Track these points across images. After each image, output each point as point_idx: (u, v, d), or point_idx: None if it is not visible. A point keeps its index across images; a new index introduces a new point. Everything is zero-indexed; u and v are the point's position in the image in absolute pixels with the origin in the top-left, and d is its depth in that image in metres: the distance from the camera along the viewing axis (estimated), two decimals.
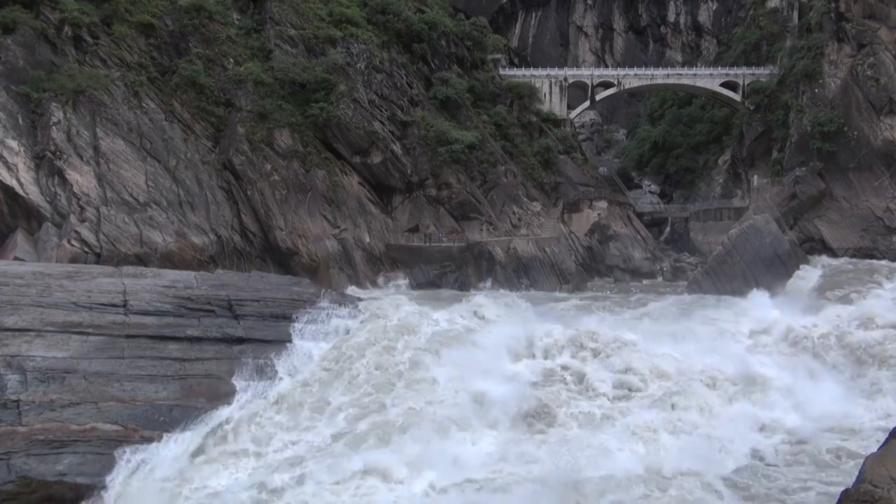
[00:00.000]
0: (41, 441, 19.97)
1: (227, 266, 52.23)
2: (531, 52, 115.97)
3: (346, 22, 66.35)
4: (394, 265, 59.55)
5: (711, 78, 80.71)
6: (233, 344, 24.98)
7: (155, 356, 23.41)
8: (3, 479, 19.11)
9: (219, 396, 23.09)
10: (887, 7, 70.23)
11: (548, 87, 79.19)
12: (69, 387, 21.49)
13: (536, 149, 70.95)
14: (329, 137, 61.89)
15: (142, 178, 54.35)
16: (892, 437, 13.32)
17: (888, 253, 63.52)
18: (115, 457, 20.28)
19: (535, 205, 66.95)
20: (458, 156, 63.79)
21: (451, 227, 62.42)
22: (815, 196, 68.18)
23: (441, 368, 24.77)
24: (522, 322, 29.63)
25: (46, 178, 51.88)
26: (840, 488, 14.00)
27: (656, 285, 60.95)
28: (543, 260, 60.81)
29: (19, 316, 23.04)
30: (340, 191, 60.27)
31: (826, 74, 71.05)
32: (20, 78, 53.34)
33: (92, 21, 57.60)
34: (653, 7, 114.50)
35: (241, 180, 57.79)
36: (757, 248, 49.39)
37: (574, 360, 26.77)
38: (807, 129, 69.51)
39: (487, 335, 27.76)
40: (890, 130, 67.02)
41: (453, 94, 67.79)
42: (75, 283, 25.50)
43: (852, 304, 37.80)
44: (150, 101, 57.28)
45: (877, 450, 13.49)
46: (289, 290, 29.16)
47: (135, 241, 51.36)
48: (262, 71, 61.40)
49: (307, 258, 56.62)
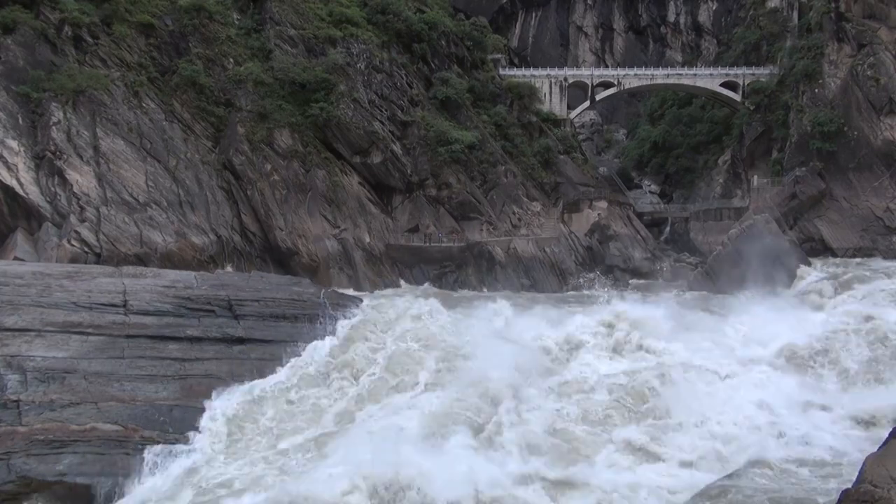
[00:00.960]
0: (41, 441, 19.98)
1: (227, 266, 52.29)
2: (531, 52, 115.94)
3: (346, 22, 66.31)
4: (394, 265, 59.56)
5: (711, 78, 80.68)
6: (233, 344, 25.00)
7: (155, 356, 23.44)
8: (3, 479, 19.12)
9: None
10: (887, 7, 70.20)
11: (548, 87, 79.16)
12: (69, 387, 21.50)
13: (536, 149, 70.92)
14: (329, 137, 61.87)
15: (142, 178, 54.33)
16: (892, 437, 13.32)
17: (888, 253, 63.51)
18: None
19: (535, 205, 66.92)
20: (458, 156, 63.77)
21: (451, 227, 62.39)
22: (815, 196, 68.15)
23: None
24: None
25: (46, 178, 51.86)
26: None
27: (656, 286, 60.88)
28: (543, 260, 60.83)
29: (19, 316, 23.07)
30: (340, 191, 60.24)
31: (826, 74, 71.03)
32: (20, 78, 53.32)
33: (92, 21, 57.57)
34: (653, 7, 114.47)
35: (241, 180, 57.77)
36: (757, 248, 49.43)
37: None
38: (807, 129, 69.50)
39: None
40: (890, 130, 67.01)
41: (453, 94, 67.76)
42: (75, 283, 25.53)
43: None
44: (150, 101, 57.26)
45: (877, 450, 13.49)
46: (289, 290, 29.23)
47: (135, 241, 51.34)
48: (262, 71, 61.37)
49: (307, 258, 56.61)
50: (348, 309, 29.99)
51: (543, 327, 32.54)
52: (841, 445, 22.93)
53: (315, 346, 27.39)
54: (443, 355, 28.09)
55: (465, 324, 32.08)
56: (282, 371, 25.82)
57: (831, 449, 22.85)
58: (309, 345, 27.13)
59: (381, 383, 26.31)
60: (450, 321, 31.40)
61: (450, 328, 30.74)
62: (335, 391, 25.97)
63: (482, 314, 34.24)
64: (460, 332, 30.77)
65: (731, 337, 33.03)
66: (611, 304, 36.70)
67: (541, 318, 34.51)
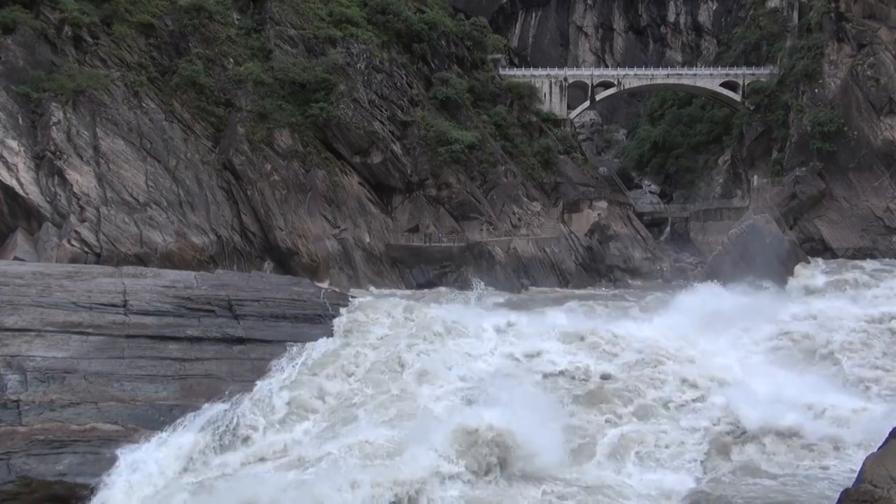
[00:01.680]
0: (41, 441, 19.97)
1: (227, 266, 52.26)
2: (531, 52, 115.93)
3: (346, 22, 66.33)
4: (394, 265, 59.57)
5: (711, 78, 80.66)
6: (233, 344, 25.00)
7: (155, 356, 23.43)
8: (3, 479, 19.11)
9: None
10: (887, 7, 70.19)
11: (548, 87, 79.15)
12: (69, 387, 21.50)
13: (536, 149, 70.92)
14: (329, 137, 61.87)
15: (142, 178, 54.34)
16: (892, 437, 13.32)
17: (888, 253, 63.50)
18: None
19: (535, 205, 66.93)
20: (458, 156, 63.76)
21: (451, 227, 62.38)
22: (815, 196, 68.13)
23: None
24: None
25: (46, 178, 51.87)
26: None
27: (656, 286, 60.87)
28: (543, 260, 60.85)
29: (19, 316, 23.07)
30: (340, 191, 60.24)
31: (826, 74, 71.02)
32: (20, 78, 53.33)
33: (92, 21, 57.58)
34: (653, 7, 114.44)
35: (241, 180, 57.78)
36: (757, 248, 49.44)
37: None
38: (807, 129, 69.48)
39: None
40: (890, 130, 67.00)
41: (453, 94, 67.76)
42: (75, 283, 25.53)
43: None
44: (150, 101, 57.27)
45: (877, 450, 13.48)
46: (289, 290, 29.23)
47: (135, 241, 51.35)
48: (262, 71, 61.38)
49: (307, 258, 56.62)
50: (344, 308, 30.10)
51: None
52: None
53: (314, 345, 27.41)
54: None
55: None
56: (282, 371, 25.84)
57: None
58: (306, 344, 27.13)
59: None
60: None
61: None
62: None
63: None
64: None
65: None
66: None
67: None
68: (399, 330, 29.45)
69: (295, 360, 25.55)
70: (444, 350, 28.00)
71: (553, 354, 28.49)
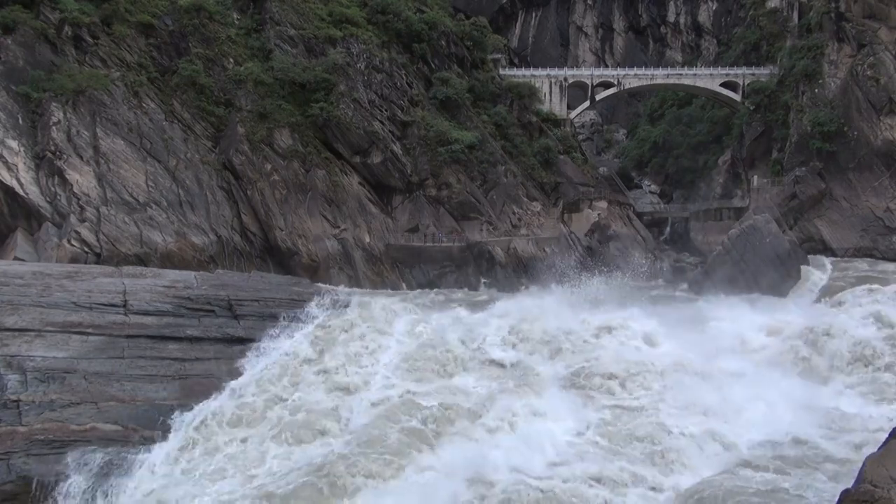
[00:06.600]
0: (41, 441, 19.95)
1: (227, 266, 52.24)
2: (531, 52, 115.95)
3: (346, 22, 66.37)
4: (394, 265, 59.56)
5: (711, 78, 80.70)
6: (233, 344, 24.98)
7: (155, 356, 23.39)
8: (3, 479, 19.09)
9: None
10: (887, 7, 70.20)
11: (548, 87, 79.18)
12: (69, 387, 21.48)
13: (536, 149, 70.94)
14: (329, 137, 61.88)
15: (142, 178, 54.35)
16: (892, 437, 13.31)
17: (888, 253, 63.52)
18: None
19: (535, 205, 66.94)
20: (458, 156, 63.77)
21: (451, 227, 62.39)
22: (815, 196, 68.16)
23: None
24: None
25: (46, 178, 51.89)
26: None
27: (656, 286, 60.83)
28: (543, 260, 60.80)
29: (19, 316, 23.03)
30: (340, 191, 60.26)
31: (826, 74, 71.05)
32: (20, 78, 53.36)
33: (92, 21, 57.62)
34: (653, 7, 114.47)
35: (241, 180, 57.79)
36: (757, 248, 49.40)
37: None
38: (807, 129, 69.49)
39: None
40: (890, 130, 67.01)
41: (453, 94, 67.78)
42: (75, 283, 25.50)
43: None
44: (150, 101, 57.29)
45: (877, 450, 13.48)
46: (289, 290, 29.19)
47: (135, 241, 51.36)
48: (262, 71, 61.41)
49: (307, 258, 56.63)
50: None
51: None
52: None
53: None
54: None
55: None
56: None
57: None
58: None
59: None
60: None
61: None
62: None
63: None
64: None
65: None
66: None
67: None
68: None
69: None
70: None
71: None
